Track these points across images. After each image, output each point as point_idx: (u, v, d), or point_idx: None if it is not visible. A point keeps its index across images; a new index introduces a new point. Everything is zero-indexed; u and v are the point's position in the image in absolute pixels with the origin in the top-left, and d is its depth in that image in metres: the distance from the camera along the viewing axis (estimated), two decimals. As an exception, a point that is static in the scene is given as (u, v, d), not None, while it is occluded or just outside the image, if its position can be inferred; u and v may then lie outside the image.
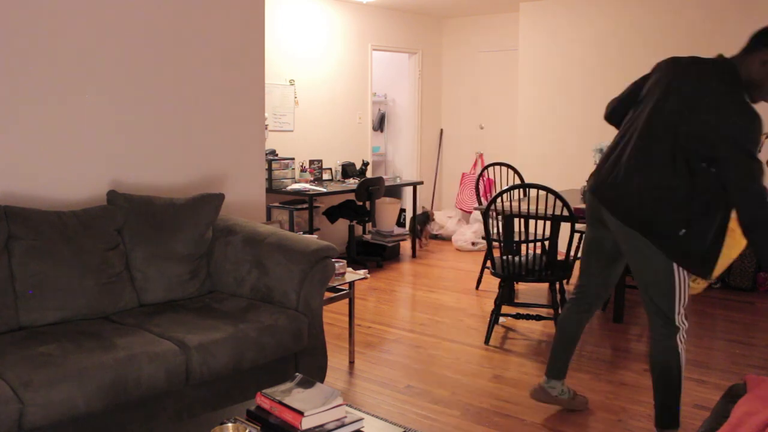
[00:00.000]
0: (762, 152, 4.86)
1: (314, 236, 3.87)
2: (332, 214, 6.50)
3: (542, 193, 4.08)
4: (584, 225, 5.39)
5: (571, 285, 5.79)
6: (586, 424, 3.15)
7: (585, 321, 3.14)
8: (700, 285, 2.89)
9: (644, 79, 2.90)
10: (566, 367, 3.22)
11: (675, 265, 2.69)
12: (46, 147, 3.32)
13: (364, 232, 7.34)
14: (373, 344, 4.27)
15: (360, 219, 6.51)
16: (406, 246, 7.24)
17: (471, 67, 8.22)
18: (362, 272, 3.97)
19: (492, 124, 8.09)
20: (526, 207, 4.47)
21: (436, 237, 8.00)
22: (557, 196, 3.94)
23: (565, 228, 4.47)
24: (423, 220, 7.37)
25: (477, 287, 5.67)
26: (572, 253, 5.08)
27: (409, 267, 6.56)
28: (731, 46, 6.31)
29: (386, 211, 7.07)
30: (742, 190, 2.53)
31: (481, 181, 5.98)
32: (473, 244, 7.32)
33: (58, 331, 2.75)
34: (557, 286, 4.32)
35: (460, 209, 8.09)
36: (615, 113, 3.05)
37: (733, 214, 2.63)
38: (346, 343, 4.17)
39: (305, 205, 6.12)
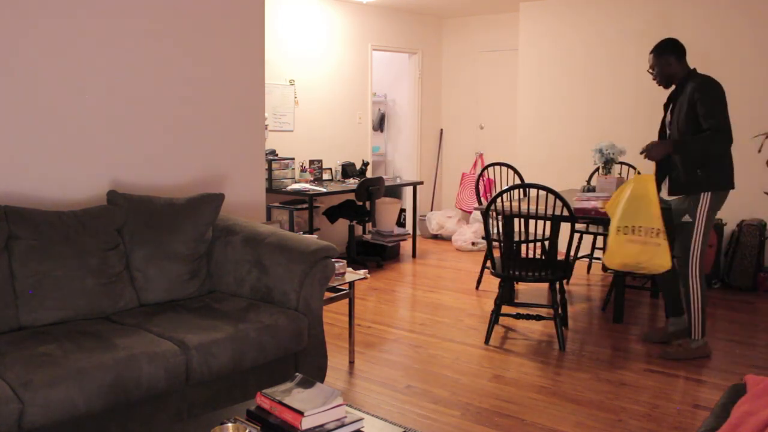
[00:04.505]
0: (762, 152, 4.86)
1: (314, 236, 3.86)
2: (332, 214, 6.50)
3: (542, 193, 4.07)
4: (584, 225, 5.42)
5: (571, 285, 5.79)
6: (586, 424, 3.15)
7: None
8: None
9: None
10: None
11: None
12: (46, 147, 3.32)
13: (364, 232, 7.34)
14: (373, 344, 4.27)
15: (360, 219, 6.51)
16: (406, 246, 7.24)
17: (471, 67, 8.22)
18: (362, 272, 3.97)
19: (492, 124, 8.09)
20: (526, 207, 4.47)
21: (436, 237, 8.00)
22: (557, 196, 3.94)
23: (565, 228, 4.47)
24: None
25: (477, 287, 5.67)
26: (572, 252, 5.07)
27: (409, 267, 6.56)
28: (730, 46, 6.30)
29: (386, 211, 7.07)
30: None
31: (481, 181, 5.97)
32: (473, 244, 7.32)
33: (58, 331, 2.75)
34: (557, 286, 4.32)
35: (460, 209, 8.09)
36: None
37: None
38: (346, 343, 4.17)
39: (305, 205, 6.12)
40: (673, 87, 4.01)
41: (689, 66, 3.97)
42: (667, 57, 3.93)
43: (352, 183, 6.53)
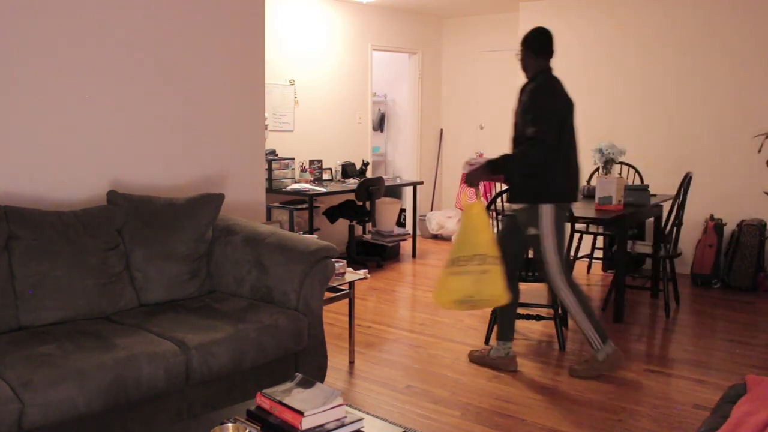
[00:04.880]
0: (762, 152, 4.85)
1: (314, 236, 3.86)
2: (332, 214, 6.50)
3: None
4: (584, 225, 5.42)
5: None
6: (587, 424, 3.15)
7: None
8: None
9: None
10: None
11: None
12: (46, 147, 3.32)
13: (364, 232, 7.34)
14: (373, 344, 4.27)
15: (360, 219, 6.51)
16: (406, 246, 7.24)
17: (471, 67, 8.22)
18: (362, 272, 3.97)
19: (492, 124, 8.09)
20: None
21: (436, 237, 8.00)
22: (557, 196, 3.93)
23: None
24: None
25: (477, 287, 5.66)
26: (572, 252, 5.07)
27: (409, 267, 6.56)
28: (727, 46, 6.29)
29: (386, 211, 7.08)
30: None
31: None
32: (473, 244, 7.31)
33: (58, 331, 2.75)
34: (557, 286, 4.31)
35: (461, 209, 8.09)
36: None
37: None
38: (346, 343, 4.17)
39: (305, 205, 6.12)
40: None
41: (549, 65, 3.69)
42: (525, 50, 3.67)
43: (352, 183, 6.53)
